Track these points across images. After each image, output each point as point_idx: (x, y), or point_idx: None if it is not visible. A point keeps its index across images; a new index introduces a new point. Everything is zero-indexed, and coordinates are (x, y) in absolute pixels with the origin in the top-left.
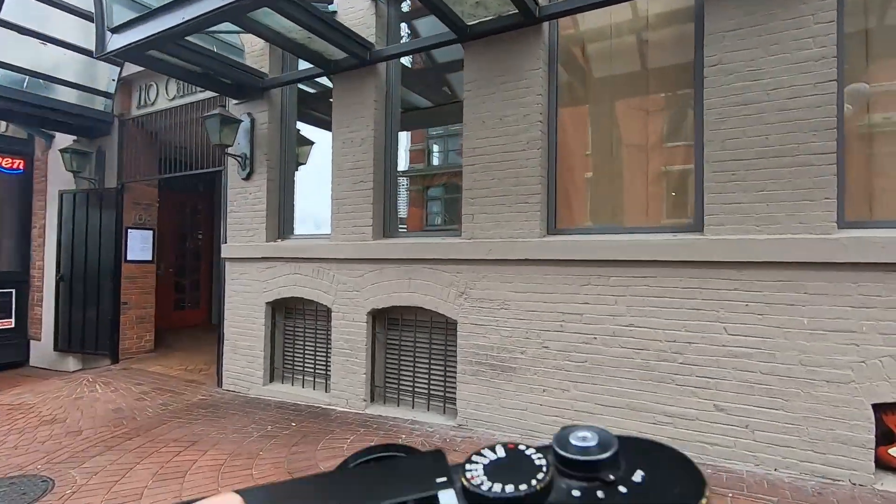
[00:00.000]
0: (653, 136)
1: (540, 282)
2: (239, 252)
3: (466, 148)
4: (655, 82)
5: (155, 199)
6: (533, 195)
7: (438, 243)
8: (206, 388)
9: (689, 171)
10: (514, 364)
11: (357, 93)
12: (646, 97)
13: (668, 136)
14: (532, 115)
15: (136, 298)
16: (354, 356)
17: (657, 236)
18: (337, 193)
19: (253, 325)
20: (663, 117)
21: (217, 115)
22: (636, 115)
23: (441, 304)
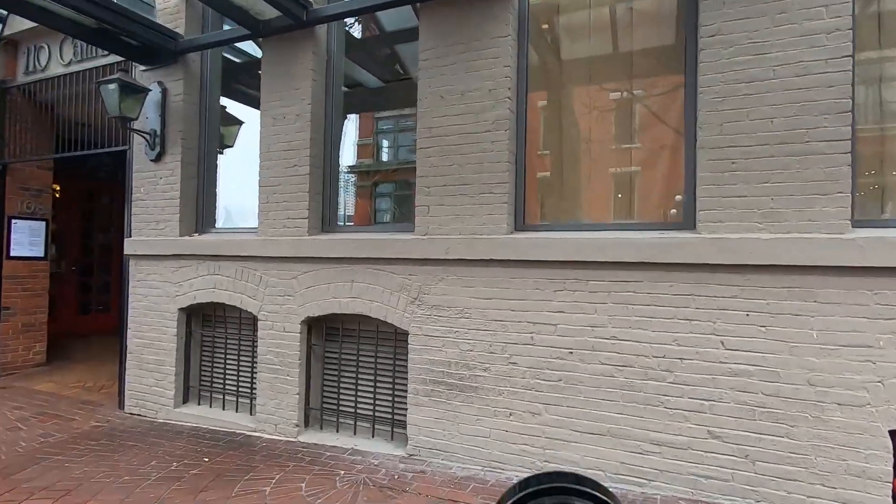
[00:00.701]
0: (638, 119)
1: (507, 286)
2: (146, 248)
3: (421, 128)
4: (642, 57)
5: (48, 184)
6: (499, 184)
7: (387, 240)
8: (103, 411)
9: (679, 160)
10: (475, 383)
11: (291, 61)
12: (629, 73)
13: (654, 120)
14: (499, 91)
15: (21, 303)
16: (285, 373)
17: (643, 234)
18: (265, 180)
19: (163, 335)
20: (650, 96)
21: (116, 80)
22: (617, 95)
23: (389, 311)
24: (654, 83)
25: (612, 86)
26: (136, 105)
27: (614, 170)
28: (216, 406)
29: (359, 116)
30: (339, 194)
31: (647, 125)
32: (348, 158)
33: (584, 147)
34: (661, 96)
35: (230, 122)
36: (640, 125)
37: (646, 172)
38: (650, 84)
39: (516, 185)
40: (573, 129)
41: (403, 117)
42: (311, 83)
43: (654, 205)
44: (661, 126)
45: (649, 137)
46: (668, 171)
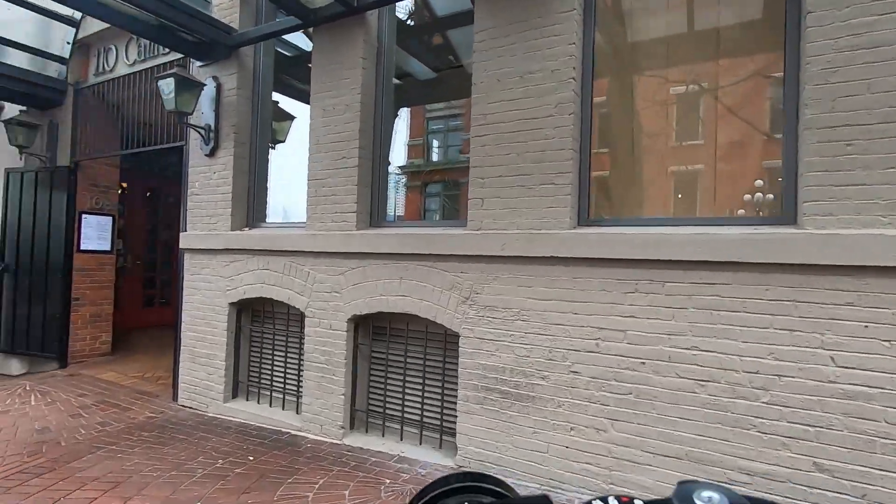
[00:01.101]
0: (721, 101)
1: (569, 287)
2: (199, 242)
3: (475, 115)
4: (726, 34)
5: (115, 181)
6: (561, 174)
7: (437, 235)
8: (159, 402)
9: (775, 143)
10: (532, 392)
11: (342, 49)
12: (711, 52)
13: (741, 102)
14: (563, 71)
15: (90, 294)
16: (332, 372)
17: (732, 230)
18: (314, 172)
19: (214, 329)
20: (734, 78)
21: (172, 75)
22: (696, 75)
23: (439, 311)
24: (738, 64)
25: (691, 66)
26: (191, 100)
27: (693, 158)
28: (264, 402)
29: (410, 116)
30: (389, 188)
31: (734, 108)
32: (399, 158)
33: (658, 132)
34: (748, 78)
35: (282, 117)
36: (725, 108)
37: (731, 160)
38: (733, 65)
39: (580, 175)
40: (646, 112)
41: (454, 117)
42: (362, 72)
43: (742, 197)
44: (750, 108)
45: (735, 122)
46: (758, 158)
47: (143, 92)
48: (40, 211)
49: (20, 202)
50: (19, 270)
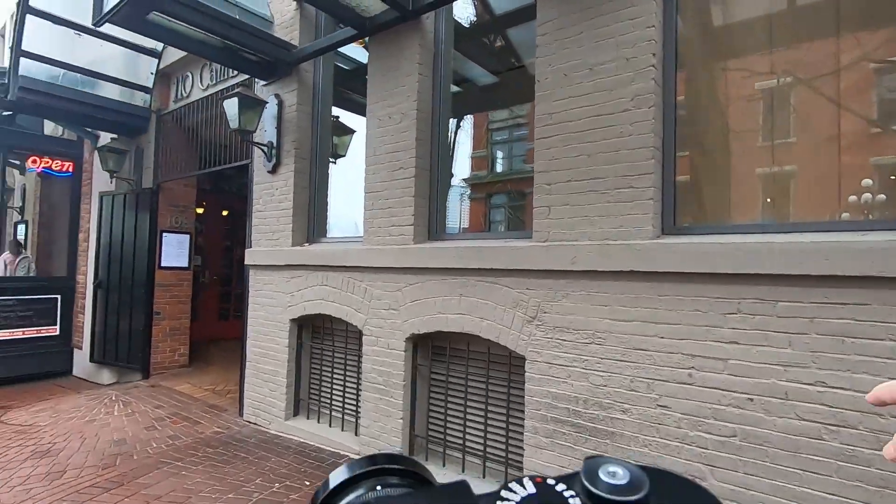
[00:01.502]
0: (841, 84)
1: (653, 306)
2: (262, 258)
3: (540, 114)
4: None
5: (192, 201)
6: (641, 176)
7: (499, 248)
8: (226, 417)
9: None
10: (611, 427)
11: (397, 56)
12: (831, 28)
13: (870, 84)
14: (640, 59)
15: (169, 308)
16: (389, 394)
17: (867, 237)
18: (371, 185)
19: (276, 345)
20: (858, 57)
21: (236, 94)
22: (811, 56)
23: (503, 331)
24: (849, 44)
25: (802, 45)
26: (254, 118)
27: (821, 144)
28: (323, 422)
29: (472, 127)
30: (449, 199)
31: (858, 91)
32: (463, 170)
33: (763, 123)
34: (861, 62)
35: (343, 131)
36: (845, 91)
37: (869, 145)
38: (845, 45)
39: (664, 176)
40: (740, 103)
41: (517, 126)
42: (418, 78)
43: (884, 193)
44: (880, 91)
45: (864, 106)
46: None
47: (214, 114)
48: (127, 230)
49: (111, 223)
50: (110, 286)
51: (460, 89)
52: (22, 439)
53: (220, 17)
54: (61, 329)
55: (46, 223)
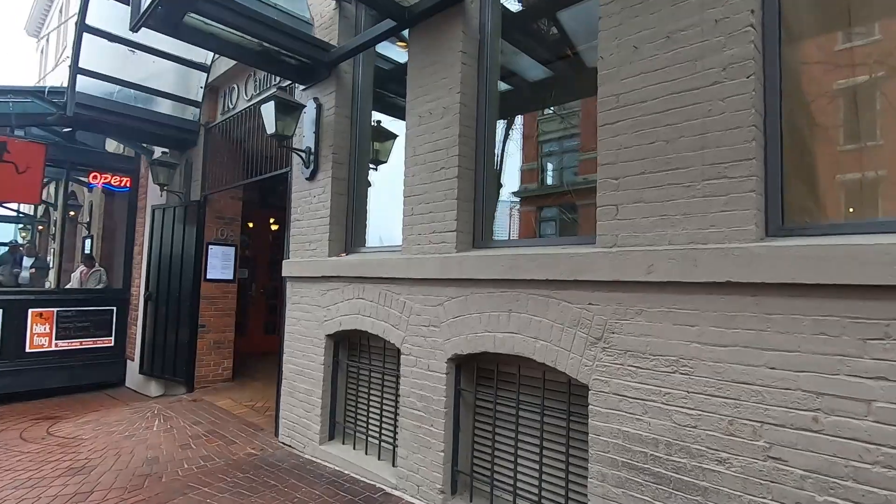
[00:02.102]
0: None
1: (760, 326)
2: (299, 269)
3: (603, 97)
4: None
5: (238, 213)
6: (738, 164)
7: (557, 255)
8: (261, 437)
9: None
10: (702, 480)
11: (439, 47)
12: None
13: None
14: (734, 20)
15: (214, 321)
16: (429, 422)
17: None
18: (410, 188)
19: (311, 362)
20: None
21: (272, 97)
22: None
23: (560, 354)
24: None
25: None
26: (292, 123)
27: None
28: (359, 448)
29: (522, 138)
30: (496, 202)
31: None
32: (513, 183)
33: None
34: None
35: (384, 136)
36: None
37: None
38: None
39: (768, 163)
40: (875, 63)
41: (569, 137)
42: (461, 68)
43: None
44: None
45: None
46: None
47: (257, 124)
48: (176, 243)
49: (161, 236)
50: (159, 299)
51: (510, 86)
52: (61, 454)
53: (257, 18)
54: (116, 340)
55: (108, 237)
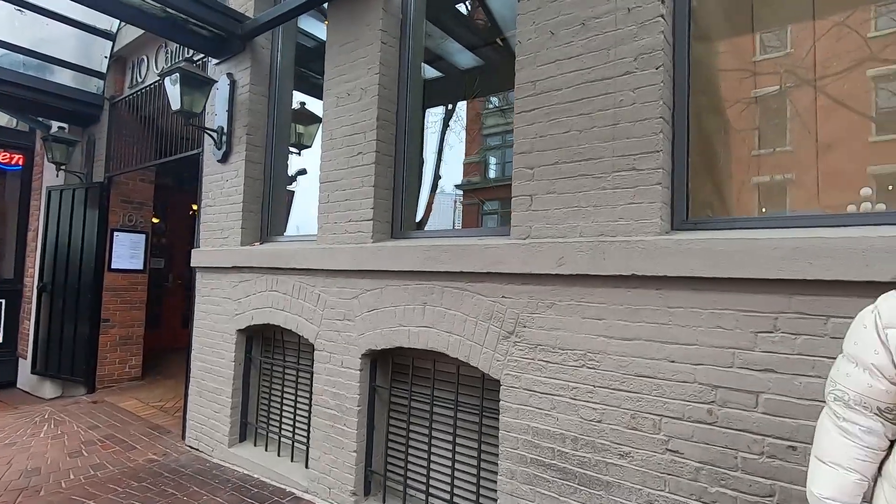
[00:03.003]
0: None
1: (662, 320)
2: (209, 259)
3: (520, 83)
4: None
5: (150, 197)
6: (646, 156)
7: (472, 247)
8: (167, 441)
9: None
10: (606, 474)
11: (358, 23)
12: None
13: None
14: (645, 9)
15: (120, 315)
16: (343, 421)
17: None
18: (326, 173)
19: (221, 359)
20: None
21: (177, 70)
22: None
23: (474, 348)
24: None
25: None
26: (201, 99)
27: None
28: (272, 450)
29: (465, 132)
30: (418, 191)
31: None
32: (456, 176)
33: (811, 79)
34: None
35: (308, 119)
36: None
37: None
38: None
39: (675, 156)
40: (781, 54)
41: (510, 132)
42: (381, 47)
43: None
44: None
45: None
46: None
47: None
48: (75, 229)
49: (58, 221)
50: (55, 290)
51: (440, 73)
52: None
53: None
54: (5, 336)
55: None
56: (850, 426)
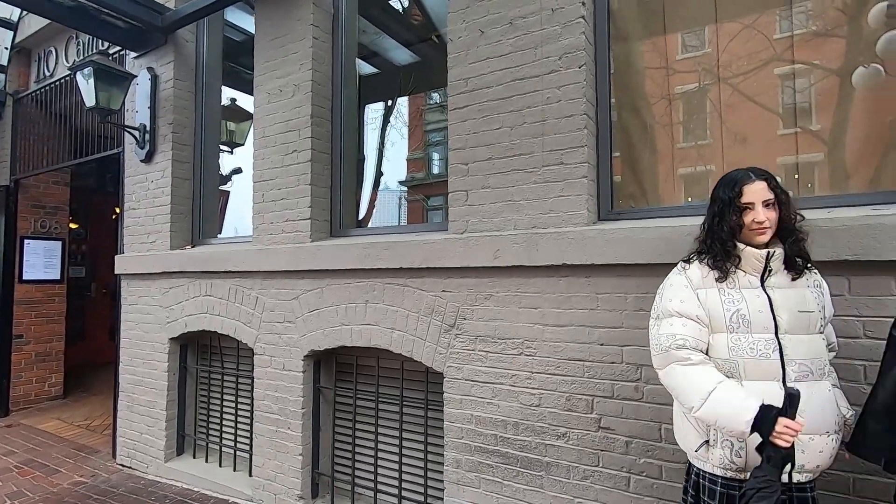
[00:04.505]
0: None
1: (591, 306)
2: (136, 265)
3: (453, 80)
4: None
5: (65, 200)
6: (572, 150)
7: (411, 242)
8: (95, 461)
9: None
10: (545, 455)
11: (288, 17)
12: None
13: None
14: (568, 10)
15: (36, 330)
16: (286, 424)
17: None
18: (260, 172)
19: (154, 370)
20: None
21: (90, 63)
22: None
23: (417, 343)
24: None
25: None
26: (119, 95)
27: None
28: (213, 461)
29: (409, 128)
30: (357, 188)
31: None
32: (400, 172)
33: (716, 81)
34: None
35: (240, 116)
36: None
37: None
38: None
39: (599, 150)
40: (695, 60)
41: None
42: (313, 43)
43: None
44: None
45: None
46: None
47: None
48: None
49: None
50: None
51: (377, 69)
52: None
53: None
54: None
55: None
56: (701, 358)
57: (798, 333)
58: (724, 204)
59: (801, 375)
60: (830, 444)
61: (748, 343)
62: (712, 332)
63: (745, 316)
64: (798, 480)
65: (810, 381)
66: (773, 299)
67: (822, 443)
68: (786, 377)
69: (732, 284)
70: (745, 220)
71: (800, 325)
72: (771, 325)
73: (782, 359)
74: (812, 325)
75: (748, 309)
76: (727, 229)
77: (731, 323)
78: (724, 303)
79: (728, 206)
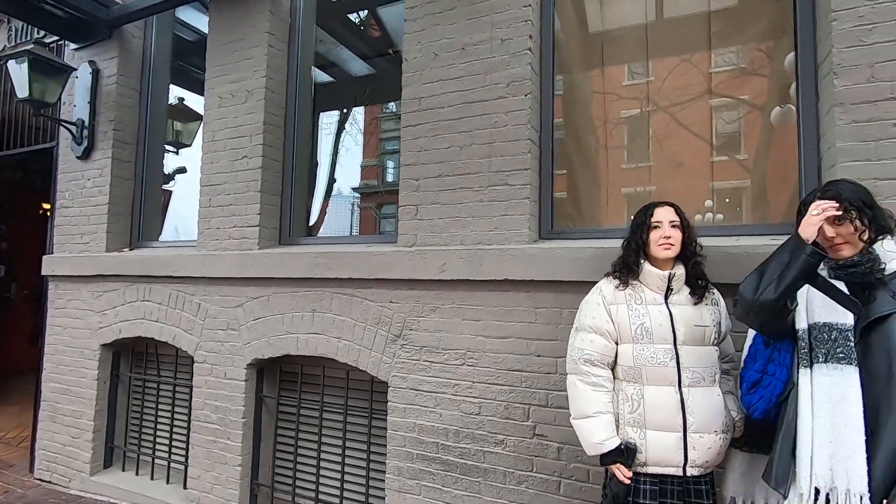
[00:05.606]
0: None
1: (530, 319)
2: (67, 267)
3: (407, 98)
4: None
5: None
6: (517, 172)
7: (360, 254)
8: (8, 476)
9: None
10: (484, 462)
11: (243, 23)
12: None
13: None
14: (516, 41)
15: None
16: (226, 435)
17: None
18: (208, 176)
19: (82, 378)
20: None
21: (25, 53)
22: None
23: (363, 353)
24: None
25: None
26: (56, 88)
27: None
28: (144, 474)
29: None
30: (308, 196)
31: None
32: (353, 180)
33: (646, 116)
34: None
35: (188, 116)
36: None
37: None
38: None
39: (541, 174)
40: (630, 93)
41: None
42: (268, 50)
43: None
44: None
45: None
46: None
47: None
48: None
49: None
50: None
51: (333, 79)
52: None
53: None
54: None
55: None
56: (598, 380)
57: (693, 345)
58: (638, 225)
59: (694, 381)
60: (718, 443)
61: (650, 352)
62: (621, 343)
63: (648, 329)
64: (692, 474)
65: (702, 387)
66: (673, 314)
67: (711, 440)
68: (681, 382)
69: (640, 301)
70: (654, 237)
71: (695, 337)
72: (670, 337)
73: (678, 366)
74: (707, 337)
75: (651, 322)
76: (634, 246)
77: (636, 334)
78: (631, 317)
79: (640, 227)
